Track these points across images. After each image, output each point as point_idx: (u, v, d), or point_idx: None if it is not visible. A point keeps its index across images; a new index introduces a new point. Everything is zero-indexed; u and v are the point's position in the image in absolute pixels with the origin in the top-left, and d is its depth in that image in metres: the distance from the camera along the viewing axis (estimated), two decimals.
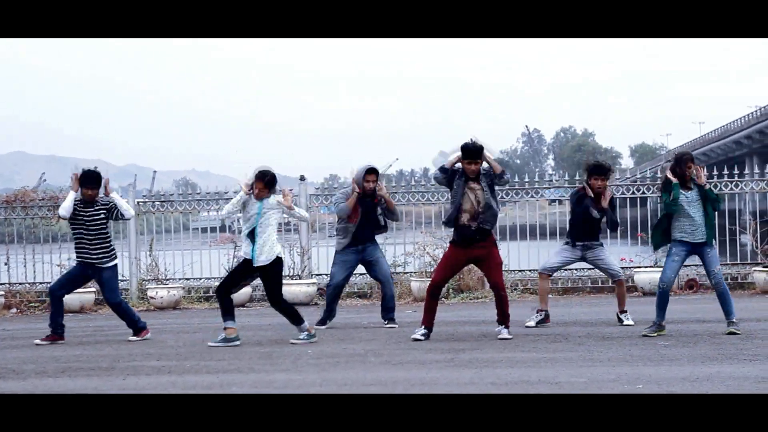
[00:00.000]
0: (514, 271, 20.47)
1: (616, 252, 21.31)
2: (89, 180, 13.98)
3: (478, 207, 12.74)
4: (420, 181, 22.15)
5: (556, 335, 13.10)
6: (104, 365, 11.55)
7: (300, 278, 20.04)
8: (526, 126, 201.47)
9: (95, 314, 19.41)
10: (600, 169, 14.13)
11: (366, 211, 14.66)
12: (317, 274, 20.73)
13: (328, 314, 15.00)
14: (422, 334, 12.98)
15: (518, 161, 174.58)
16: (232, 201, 13.21)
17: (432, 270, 20.12)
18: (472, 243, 12.86)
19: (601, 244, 14.49)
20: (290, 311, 13.21)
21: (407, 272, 20.65)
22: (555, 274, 18.45)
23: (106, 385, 9.95)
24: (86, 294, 20.02)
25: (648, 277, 19.59)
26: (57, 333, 13.98)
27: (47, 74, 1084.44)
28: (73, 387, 9.95)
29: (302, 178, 21.34)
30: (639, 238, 21.65)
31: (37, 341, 13.91)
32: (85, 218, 13.96)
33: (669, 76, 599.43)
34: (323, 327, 14.72)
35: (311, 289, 19.78)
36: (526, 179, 21.82)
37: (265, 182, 12.91)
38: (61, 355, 12.61)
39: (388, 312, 14.97)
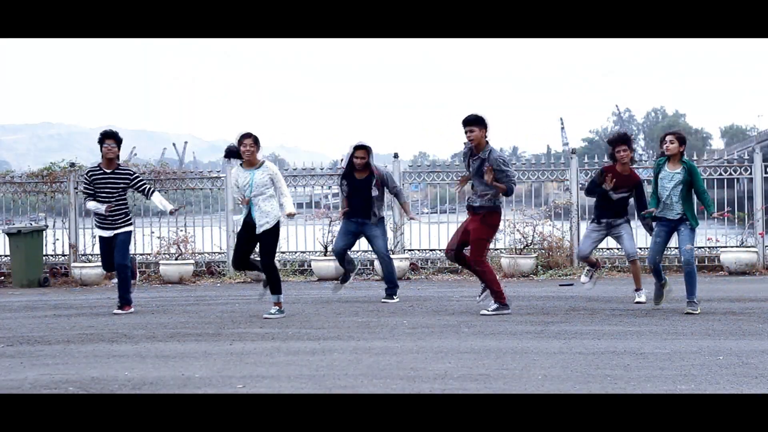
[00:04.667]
0: (602, 249, 20.80)
1: (702, 232, 21.58)
2: (105, 135, 14.32)
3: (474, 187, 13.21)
4: (510, 159, 22.49)
5: (642, 310, 13.45)
6: (210, 331, 12.07)
7: (393, 253, 20.51)
8: (617, 105, 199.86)
9: (194, 285, 20.05)
10: (623, 138, 14.57)
11: (356, 187, 15.29)
12: (409, 249, 21.23)
13: (344, 274, 15.76)
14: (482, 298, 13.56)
15: None
16: (231, 187, 13.49)
17: (522, 247, 20.62)
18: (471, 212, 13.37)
19: (627, 221, 14.58)
20: (276, 277, 13.54)
21: (497, 249, 21.05)
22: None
23: (214, 350, 10.45)
24: (185, 266, 20.72)
25: (734, 256, 19.87)
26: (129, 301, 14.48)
27: (140, 52, 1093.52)
28: (183, 350, 10.48)
29: (396, 156, 21.77)
30: (725, 218, 21.84)
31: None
32: (105, 184, 14.22)
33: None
34: (346, 284, 15.73)
35: (404, 264, 20.25)
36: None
37: (254, 138, 13.37)
38: (168, 322, 13.20)
39: (388, 287, 15.52)
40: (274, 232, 13.39)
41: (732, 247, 20.52)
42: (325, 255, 20.57)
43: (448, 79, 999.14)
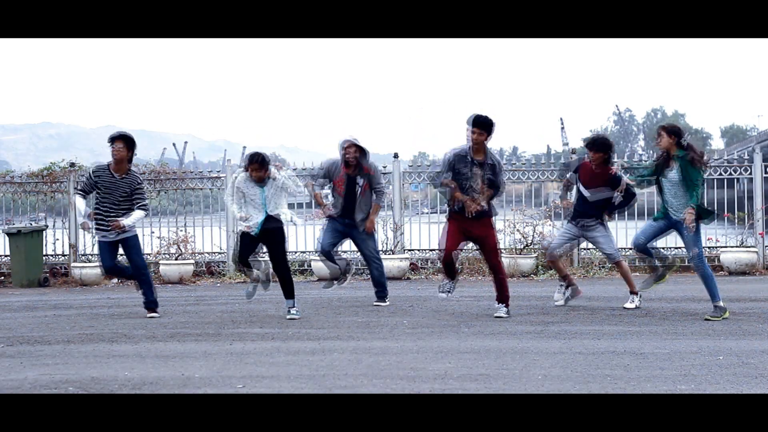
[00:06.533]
0: None
1: (702, 232, 21.56)
2: (117, 139, 13.85)
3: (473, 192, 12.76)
4: (510, 159, 22.48)
5: (642, 310, 13.41)
6: (210, 331, 12.07)
7: (393, 253, 20.53)
8: (617, 105, 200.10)
9: (194, 285, 20.03)
10: (593, 143, 13.86)
11: (347, 183, 14.69)
12: (409, 249, 21.22)
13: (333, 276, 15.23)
14: (448, 289, 13.35)
15: None
16: (228, 192, 13.43)
17: (522, 247, 20.63)
18: (466, 218, 12.88)
19: (600, 223, 13.97)
20: (290, 281, 13.40)
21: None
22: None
23: (214, 349, 10.46)
24: (185, 266, 20.71)
25: (733, 256, 19.86)
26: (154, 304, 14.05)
27: (140, 51, 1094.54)
28: (183, 351, 10.48)
29: (395, 156, 21.75)
30: (726, 218, 21.84)
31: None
32: (114, 187, 13.62)
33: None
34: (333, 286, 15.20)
35: (404, 263, 20.24)
36: (615, 159, 22.11)
37: (260, 163, 12.89)
38: (168, 322, 13.19)
39: (378, 291, 15.00)
40: (280, 234, 13.33)
41: (732, 247, 20.51)
42: None
43: (448, 79, 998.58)
